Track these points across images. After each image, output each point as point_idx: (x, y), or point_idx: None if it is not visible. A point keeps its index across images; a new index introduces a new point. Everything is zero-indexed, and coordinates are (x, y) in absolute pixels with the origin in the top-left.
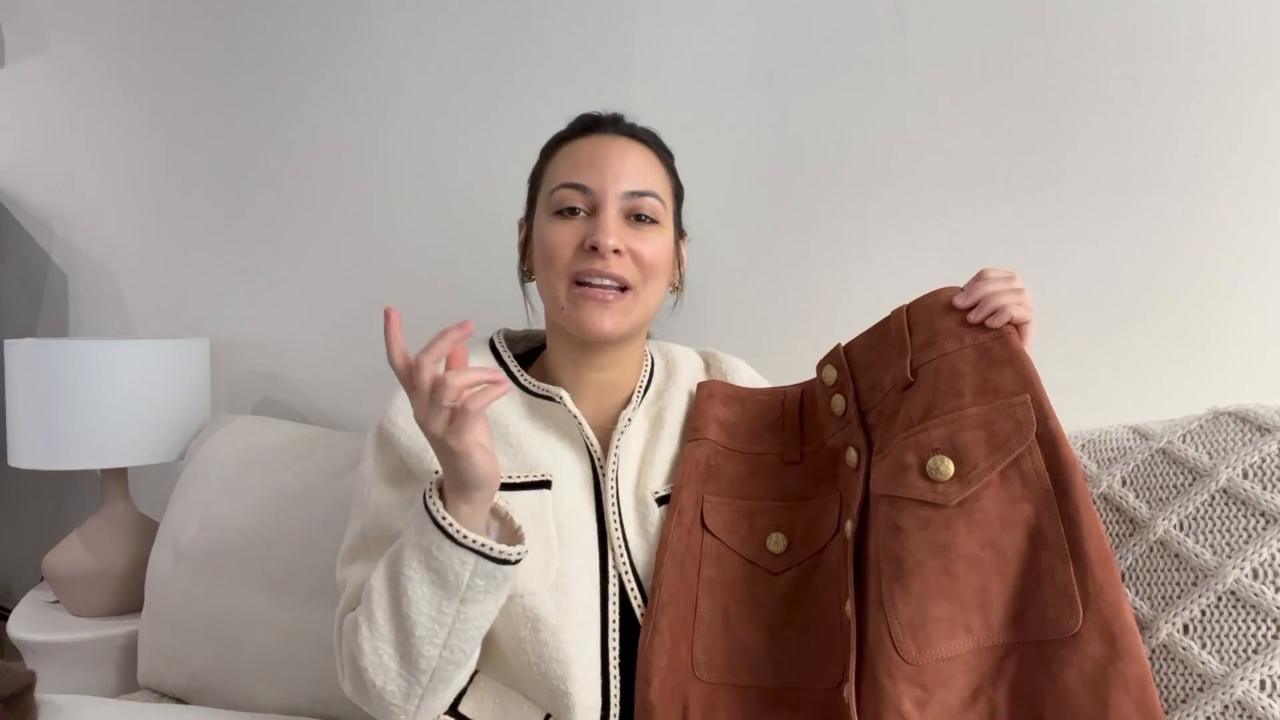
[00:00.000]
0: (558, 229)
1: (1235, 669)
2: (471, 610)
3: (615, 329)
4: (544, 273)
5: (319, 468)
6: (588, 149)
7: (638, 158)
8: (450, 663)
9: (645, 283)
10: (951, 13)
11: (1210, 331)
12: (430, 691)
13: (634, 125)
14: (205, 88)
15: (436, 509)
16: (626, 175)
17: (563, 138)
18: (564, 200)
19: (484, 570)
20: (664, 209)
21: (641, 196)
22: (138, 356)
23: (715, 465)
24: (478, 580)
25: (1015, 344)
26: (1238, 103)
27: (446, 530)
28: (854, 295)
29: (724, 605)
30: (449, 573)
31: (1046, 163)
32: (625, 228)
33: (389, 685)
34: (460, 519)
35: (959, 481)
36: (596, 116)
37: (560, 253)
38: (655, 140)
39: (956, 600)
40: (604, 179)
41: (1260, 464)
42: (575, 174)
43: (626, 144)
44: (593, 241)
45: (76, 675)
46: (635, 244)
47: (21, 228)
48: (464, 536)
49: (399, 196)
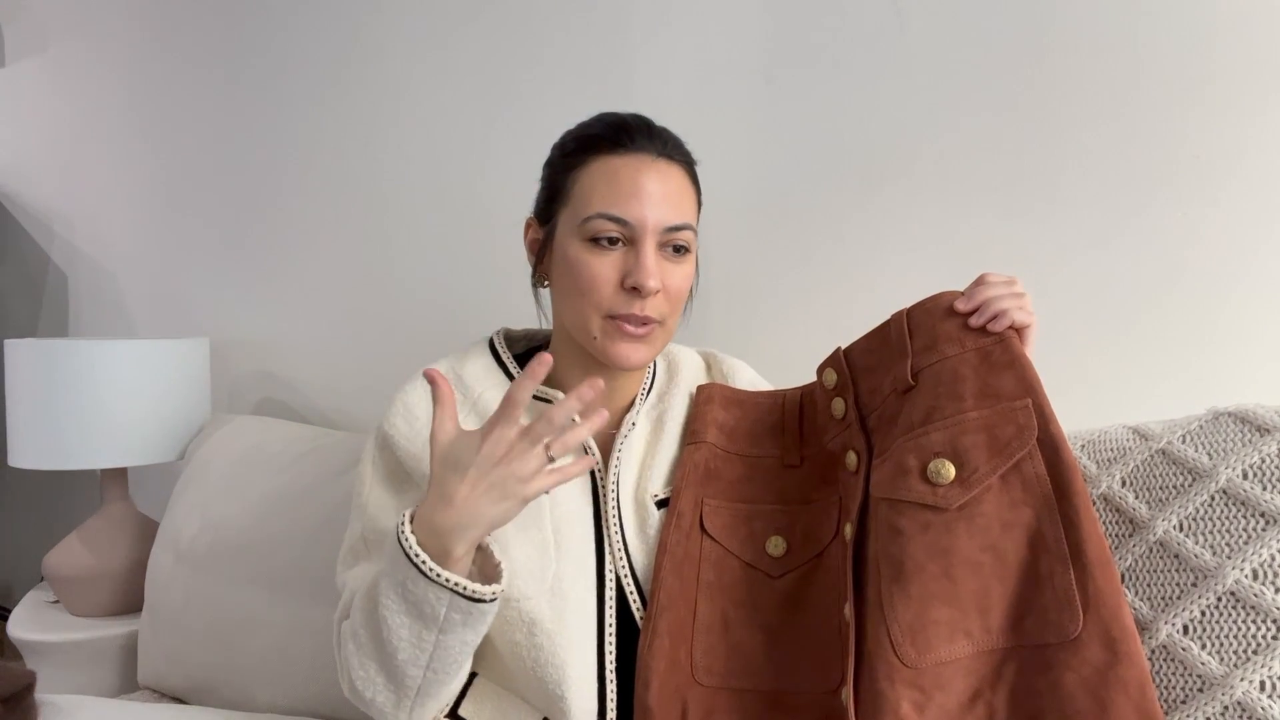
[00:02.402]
0: (595, 261)
1: (1235, 670)
2: (451, 639)
3: (644, 361)
4: (575, 300)
5: (319, 468)
6: (627, 176)
7: (676, 185)
8: (435, 681)
9: (672, 313)
10: (951, 13)
11: (1211, 333)
12: (419, 704)
13: (666, 138)
14: (205, 87)
15: (409, 545)
16: (668, 208)
17: (591, 146)
18: (601, 231)
19: (460, 606)
20: (695, 236)
21: (679, 230)
22: (138, 356)
23: (714, 468)
24: (454, 614)
25: (1016, 348)
26: (1239, 103)
27: (419, 568)
28: (854, 296)
29: (723, 609)
30: (425, 605)
31: (1047, 164)
32: (661, 261)
33: (378, 698)
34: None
35: (960, 485)
36: (625, 124)
37: (599, 288)
38: (685, 155)
39: (956, 604)
40: (644, 214)
41: (1260, 464)
42: (614, 204)
43: (665, 169)
44: (634, 282)
45: (76, 675)
46: (669, 279)
47: (21, 228)
48: (437, 575)
49: (399, 196)
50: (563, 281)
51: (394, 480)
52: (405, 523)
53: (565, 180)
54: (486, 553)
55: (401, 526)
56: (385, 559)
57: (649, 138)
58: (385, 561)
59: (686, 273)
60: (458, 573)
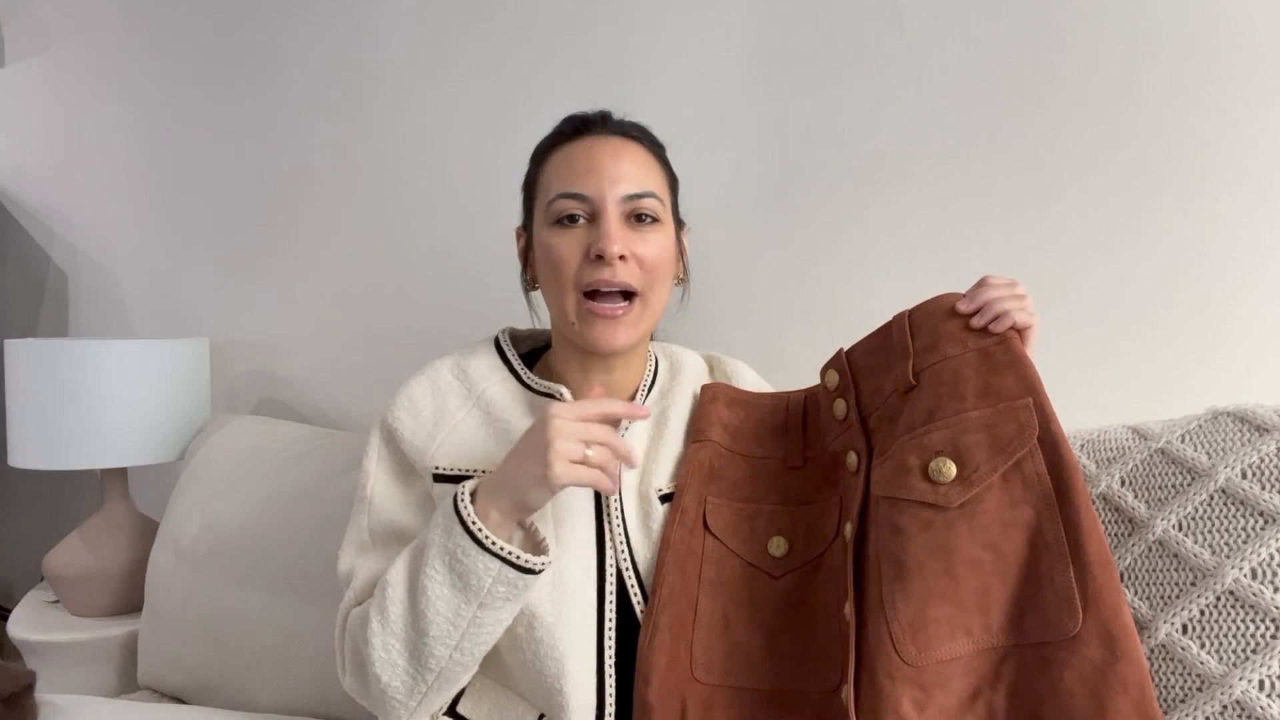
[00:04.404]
0: (560, 240)
1: (1234, 669)
2: (488, 616)
3: (627, 343)
4: (551, 286)
5: (319, 468)
6: (581, 154)
7: (632, 157)
8: (459, 665)
9: (651, 286)
10: (951, 13)
11: (1212, 333)
12: (435, 690)
13: (623, 122)
14: (205, 88)
15: (468, 513)
16: (623, 178)
17: (552, 142)
18: (563, 210)
19: (507, 578)
20: (663, 206)
21: (640, 198)
22: (138, 356)
23: (718, 467)
24: (499, 587)
25: (1018, 348)
26: (1240, 104)
27: (475, 535)
28: (854, 297)
29: (723, 607)
30: (472, 576)
31: (1047, 164)
32: (627, 231)
33: (394, 681)
34: (490, 525)
35: (961, 484)
36: (584, 117)
37: (566, 264)
38: (646, 135)
39: (957, 602)
40: (601, 185)
41: (1259, 464)
42: (572, 182)
43: (620, 144)
44: (598, 250)
45: (76, 675)
46: (638, 247)
47: (21, 228)
48: (492, 543)
49: (399, 196)
50: (541, 272)
51: (399, 472)
52: (465, 491)
53: (534, 179)
54: (530, 531)
55: (461, 494)
56: (435, 529)
57: (604, 124)
58: (435, 531)
59: (658, 243)
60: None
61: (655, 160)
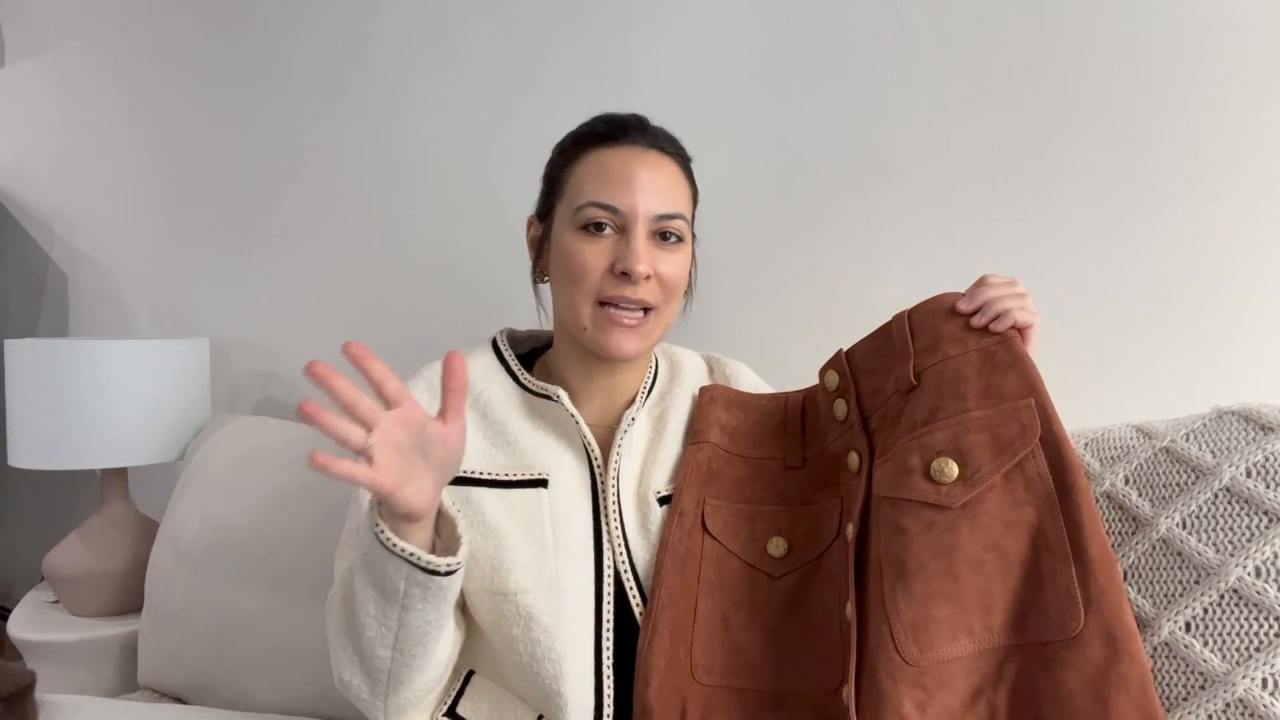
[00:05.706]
0: (586, 247)
1: (1237, 667)
2: (413, 618)
3: (638, 351)
4: (567, 289)
5: None
6: (618, 164)
7: (667, 175)
8: (404, 665)
9: (667, 301)
10: (951, 13)
11: (1213, 333)
12: (393, 691)
13: (658, 133)
14: (205, 88)
15: (373, 516)
16: (657, 197)
17: (586, 141)
18: (592, 218)
19: (417, 579)
20: (688, 226)
21: (670, 219)
22: (138, 356)
23: (717, 469)
24: (413, 589)
25: (1019, 348)
26: (1240, 103)
27: (378, 536)
28: (855, 297)
29: (723, 608)
30: (386, 579)
31: (1048, 164)
32: (652, 249)
33: (354, 679)
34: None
35: (963, 484)
36: (622, 121)
37: (588, 274)
38: (679, 150)
39: (959, 602)
40: (634, 201)
41: (1264, 463)
42: (605, 193)
43: (656, 160)
44: (624, 267)
45: (76, 675)
46: (661, 265)
47: (21, 228)
48: (393, 544)
49: (399, 196)
50: (558, 272)
51: None
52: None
53: (561, 175)
54: (451, 524)
55: (373, 501)
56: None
57: (641, 132)
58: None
59: (679, 262)
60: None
61: (684, 177)
